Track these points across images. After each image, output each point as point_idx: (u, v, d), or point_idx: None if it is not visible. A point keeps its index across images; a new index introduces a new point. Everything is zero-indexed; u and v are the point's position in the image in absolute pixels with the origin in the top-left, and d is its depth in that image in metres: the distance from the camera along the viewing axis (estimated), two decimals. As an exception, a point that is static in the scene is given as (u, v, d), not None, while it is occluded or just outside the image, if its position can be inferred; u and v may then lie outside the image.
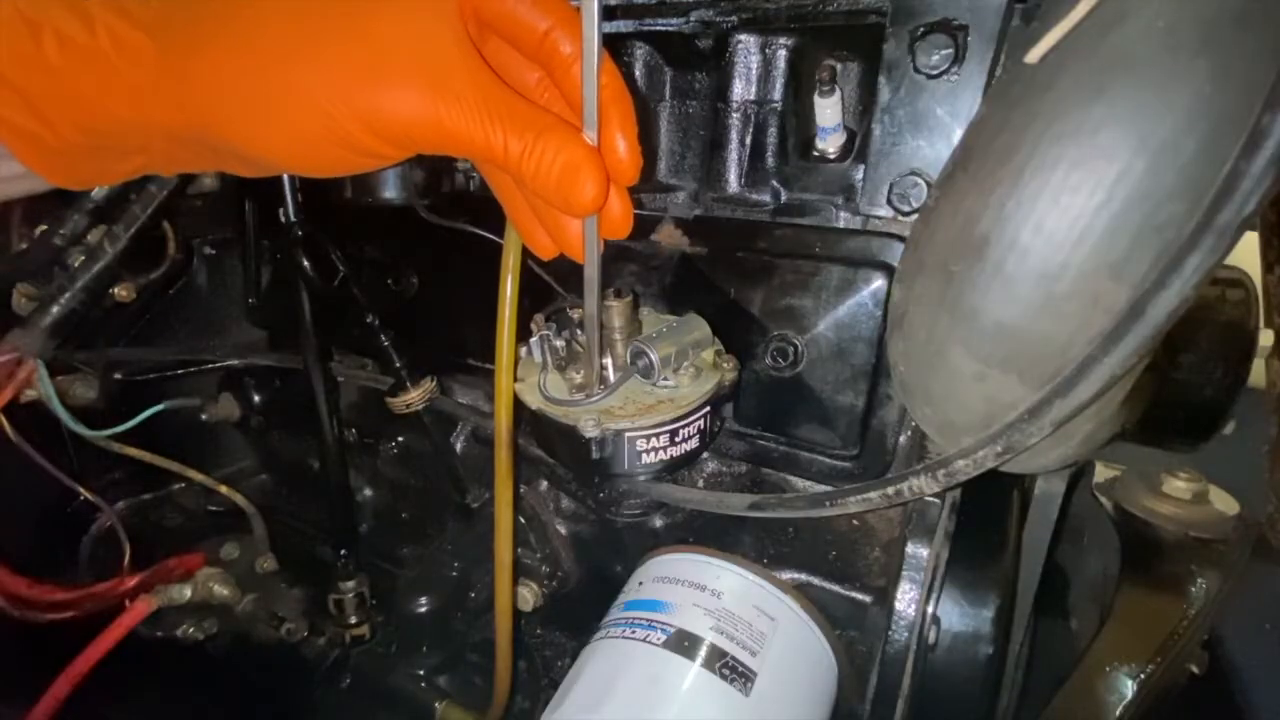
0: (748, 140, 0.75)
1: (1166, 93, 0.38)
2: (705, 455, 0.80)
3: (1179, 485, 0.98)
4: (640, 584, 0.71)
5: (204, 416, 1.10)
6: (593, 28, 0.44)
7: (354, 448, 1.05)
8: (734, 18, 0.69)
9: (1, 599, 0.82)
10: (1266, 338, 0.87)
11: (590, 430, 0.61)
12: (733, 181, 0.76)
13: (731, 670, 0.60)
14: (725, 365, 0.69)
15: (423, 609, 0.87)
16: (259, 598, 1.01)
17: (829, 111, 0.67)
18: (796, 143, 0.74)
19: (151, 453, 0.98)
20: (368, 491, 1.08)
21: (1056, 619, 0.99)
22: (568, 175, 0.44)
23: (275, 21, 0.41)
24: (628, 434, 0.63)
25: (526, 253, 0.59)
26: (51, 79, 0.41)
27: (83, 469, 0.96)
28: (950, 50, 0.59)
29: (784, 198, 0.74)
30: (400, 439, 1.05)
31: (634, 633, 0.64)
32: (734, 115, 0.74)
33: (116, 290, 0.95)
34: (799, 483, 0.78)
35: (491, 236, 0.80)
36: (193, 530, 1.13)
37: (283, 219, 0.77)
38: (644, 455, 0.64)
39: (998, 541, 0.66)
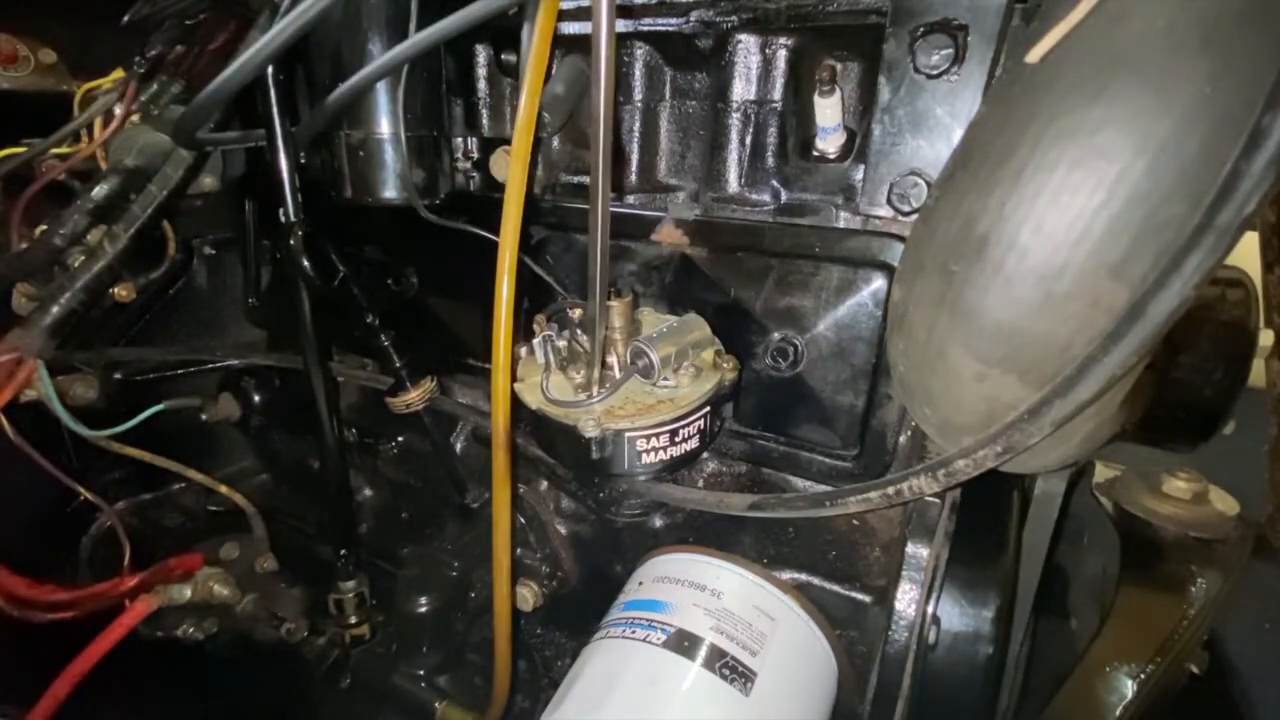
0: (748, 140, 0.74)
1: (1166, 93, 0.38)
2: (705, 455, 0.80)
3: (1179, 485, 0.98)
4: (640, 584, 0.71)
5: (204, 416, 1.10)
6: (602, 28, 0.44)
7: (354, 448, 1.05)
8: (734, 18, 0.69)
9: (1, 599, 0.82)
10: (1266, 338, 0.87)
11: (590, 430, 0.61)
12: (733, 181, 0.76)
13: (732, 670, 0.59)
14: (725, 365, 0.69)
15: (423, 609, 0.87)
16: (259, 598, 1.01)
17: (829, 111, 0.67)
18: (796, 143, 0.74)
19: (151, 453, 0.98)
20: (368, 491, 1.08)
21: (1056, 619, 0.98)
22: None
23: None
24: (628, 434, 0.63)
25: (525, 252, 0.59)
26: None
27: (83, 469, 0.96)
28: (950, 50, 0.59)
29: (784, 198, 0.74)
30: (400, 439, 1.05)
31: (634, 633, 0.64)
32: (734, 115, 0.74)
33: (116, 290, 0.95)
34: (799, 483, 0.78)
35: (491, 236, 0.79)
36: (193, 530, 1.13)
37: (283, 219, 0.76)
38: (644, 455, 0.64)
39: (998, 541, 0.66)
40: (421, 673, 0.89)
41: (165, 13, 0.96)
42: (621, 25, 0.75)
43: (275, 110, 0.72)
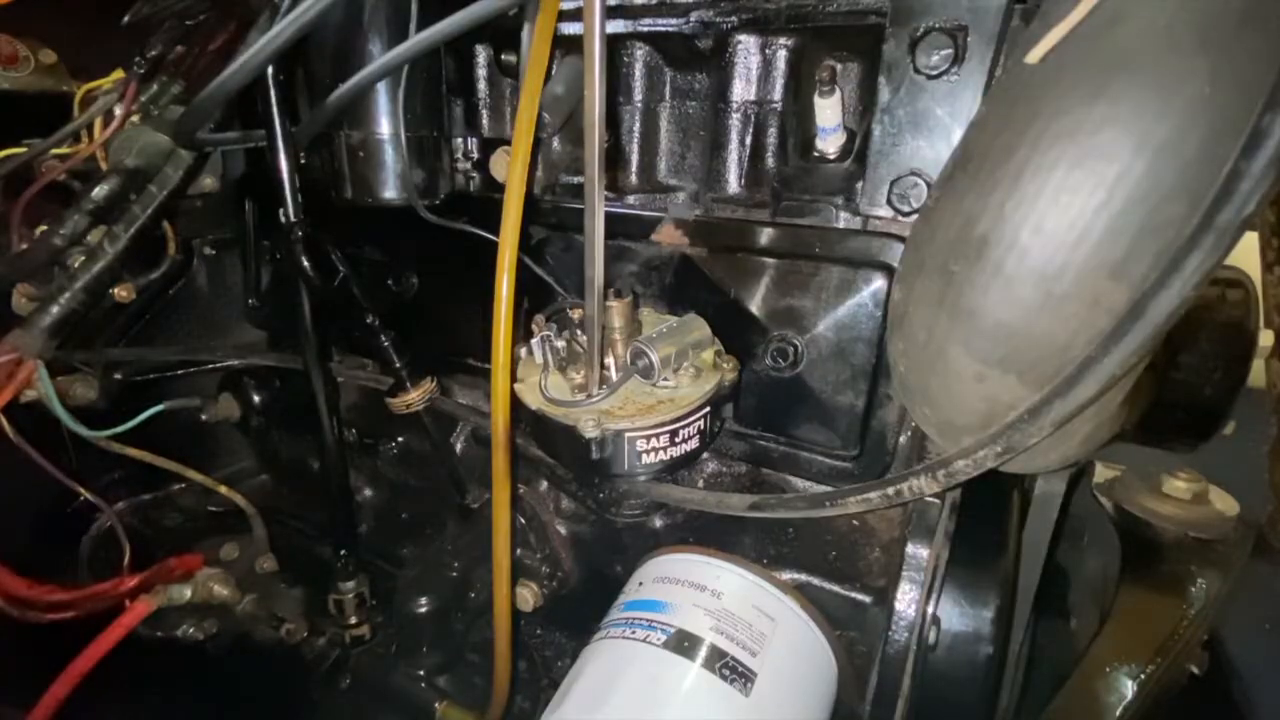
0: (748, 141, 0.75)
1: (1166, 93, 0.38)
2: (705, 455, 0.80)
3: (1179, 485, 0.98)
4: (640, 584, 0.71)
5: (204, 416, 1.10)
6: (594, 29, 0.44)
7: (354, 448, 1.05)
8: (734, 18, 0.69)
9: (2, 599, 0.82)
10: (1266, 338, 0.87)
11: (590, 430, 0.61)
12: (733, 182, 0.76)
13: (731, 670, 0.59)
14: (725, 365, 0.69)
15: (423, 609, 0.86)
16: (259, 598, 1.01)
17: (829, 112, 0.67)
18: (796, 143, 0.74)
19: (151, 453, 0.98)
20: (368, 491, 1.08)
21: (1056, 619, 0.98)
22: None
23: None
24: (628, 434, 0.63)
25: (525, 252, 0.59)
26: None
27: (83, 469, 0.96)
28: (950, 51, 0.59)
29: (784, 198, 0.74)
30: (400, 439, 1.05)
31: (634, 633, 0.64)
32: (734, 116, 0.74)
33: (116, 290, 0.95)
34: (799, 483, 0.78)
35: (491, 237, 0.79)
36: (193, 530, 1.13)
37: (283, 219, 0.76)
38: (644, 455, 0.64)
39: (998, 542, 0.66)
40: (421, 673, 0.89)
41: (165, 13, 0.96)
42: (621, 26, 0.75)
43: (275, 110, 0.72)
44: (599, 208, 0.57)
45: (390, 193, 0.77)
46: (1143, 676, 0.78)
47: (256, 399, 1.12)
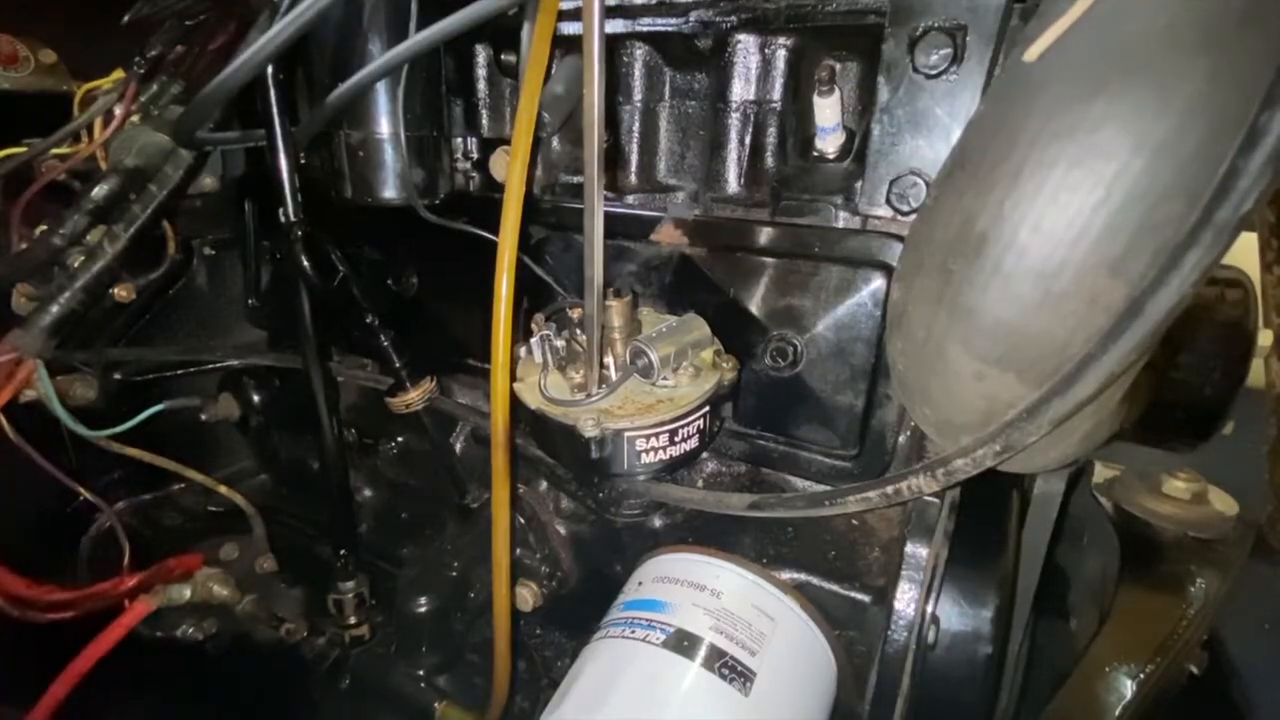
0: (747, 140, 0.75)
1: (1165, 91, 0.38)
2: (705, 455, 0.80)
3: (1179, 485, 0.98)
4: (640, 584, 0.71)
5: (204, 416, 1.10)
6: (594, 29, 0.44)
7: (354, 448, 1.05)
8: (733, 18, 0.69)
9: (2, 599, 0.82)
10: (1266, 338, 0.87)
11: (590, 430, 0.61)
12: (732, 181, 0.76)
13: (731, 670, 0.59)
14: (725, 365, 0.69)
15: (422, 609, 0.87)
16: (258, 598, 1.01)
17: (828, 111, 0.67)
18: (796, 143, 0.74)
19: (151, 453, 0.98)
20: (368, 491, 1.08)
21: (1056, 619, 0.99)
22: None
23: None
24: (627, 434, 0.63)
25: (525, 252, 0.59)
26: None
27: (83, 469, 0.96)
28: (949, 50, 0.59)
29: (783, 197, 0.74)
30: (400, 439, 1.05)
31: (634, 633, 0.64)
32: (733, 115, 0.74)
33: (116, 290, 0.95)
34: (798, 482, 0.78)
35: (490, 236, 0.79)
36: (193, 530, 1.13)
37: (283, 219, 0.77)
38: (644, 455, 0.64)
39: (997, 541, 0.66)
40: (421, 673, 0.89)
41: (165, 13, 0.96)
42: (621, 26, 0.75)
43: (275, 110, 0.72)
44: (598, 207, 0.57)
45: (390, 192, 0.78)
46: (1142, 676, 0.78)
47: (256, 399, 1.12)
